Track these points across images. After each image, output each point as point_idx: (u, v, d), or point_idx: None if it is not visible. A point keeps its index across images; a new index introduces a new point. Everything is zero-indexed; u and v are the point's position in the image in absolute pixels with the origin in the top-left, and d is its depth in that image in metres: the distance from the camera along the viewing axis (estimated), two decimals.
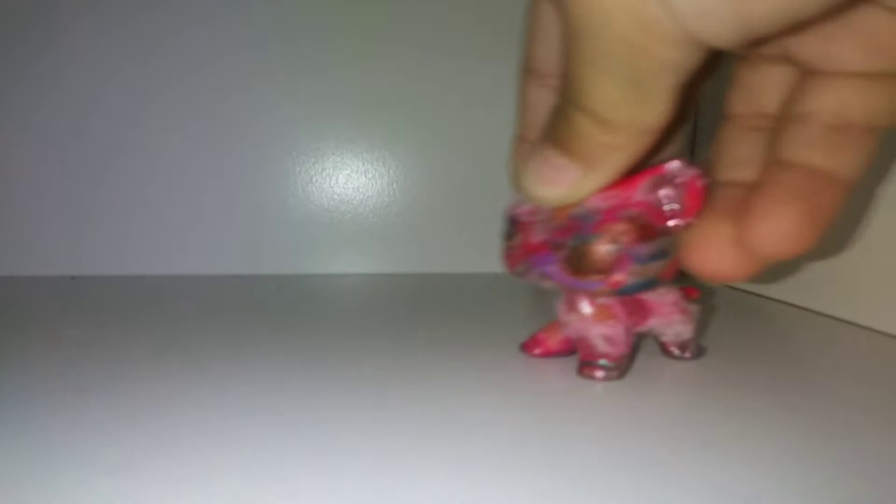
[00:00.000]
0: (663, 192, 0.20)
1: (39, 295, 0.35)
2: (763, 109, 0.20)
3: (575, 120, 0.17)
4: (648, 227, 0.20)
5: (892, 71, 0.18)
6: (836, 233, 0.27)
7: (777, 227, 0.18)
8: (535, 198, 0.20)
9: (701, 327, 0.27)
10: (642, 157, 0.18)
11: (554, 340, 0.25)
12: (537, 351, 0.25)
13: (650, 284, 0.21)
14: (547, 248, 0.21)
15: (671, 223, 0.20)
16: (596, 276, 0.21)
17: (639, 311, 0.23)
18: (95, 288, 0.36)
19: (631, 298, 0.23)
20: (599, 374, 0.22)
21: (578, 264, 0.21)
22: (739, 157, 0.21)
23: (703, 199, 0.20)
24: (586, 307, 0.22)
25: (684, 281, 0.23)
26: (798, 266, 0.33)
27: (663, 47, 0.15)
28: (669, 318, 0.23)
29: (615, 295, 0.22)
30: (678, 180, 0.20)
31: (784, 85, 0.20)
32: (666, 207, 0.20)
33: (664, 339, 0.24)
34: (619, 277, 0.21)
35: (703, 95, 0.23)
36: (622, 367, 0.23)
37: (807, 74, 0.19)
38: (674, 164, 0.20)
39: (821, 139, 0.18)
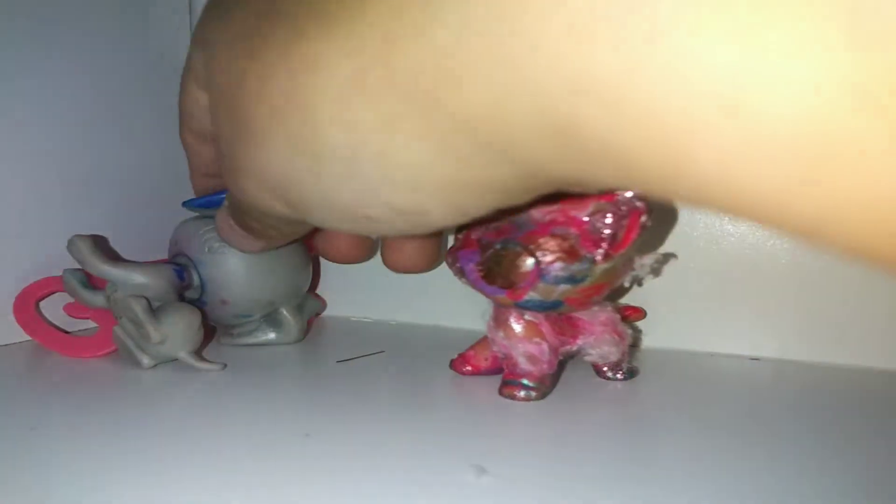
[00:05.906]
0: (605, 219, 0.20)
1: None
2: None
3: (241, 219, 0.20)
4: (572, 251, 0.20)
5: None
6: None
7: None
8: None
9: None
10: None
11: (482, 358, 0.24)
12: (466, 369, 0.24)
13: (552, 306, 0.21)
14: (475, 246, 0.21)
15: (598, 252, 0.20)
16: (501, 283, 0.20)
17: (569, 329, 0.22)
18: None
19: (562, 316, 0.22)
20: (520, 393, 0.22)
21: (491, 268, 0.21)
22: None
23: (638, 233, 0.20)
24: (514, 324, 0.22)
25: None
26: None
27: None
28: (599, 339, 0.23)
29: (513, 306, 0.21)
30: (624, 209, 0.19)
31: None
32: (601, 234, 0.20)
33: (591, 359, 0.24)
34: (521, 291, 0.20)
35: None
36: (544, 387, 0.22)
37: None
38: (626, 194, 0.19)
39: None
